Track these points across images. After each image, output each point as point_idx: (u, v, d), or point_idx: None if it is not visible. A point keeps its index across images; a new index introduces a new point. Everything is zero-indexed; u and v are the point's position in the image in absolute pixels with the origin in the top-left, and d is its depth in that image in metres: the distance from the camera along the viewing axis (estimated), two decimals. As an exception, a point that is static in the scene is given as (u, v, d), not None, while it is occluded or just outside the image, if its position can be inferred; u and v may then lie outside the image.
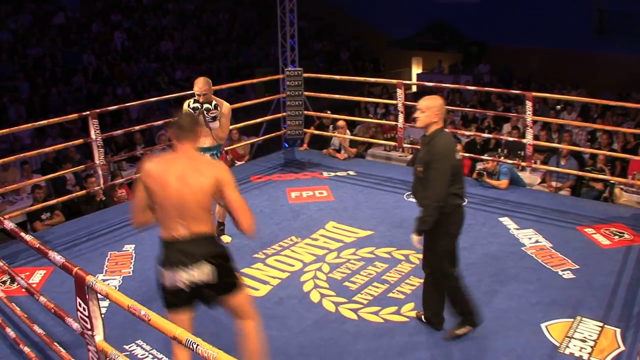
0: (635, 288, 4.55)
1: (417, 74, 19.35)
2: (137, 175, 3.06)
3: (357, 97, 11.81)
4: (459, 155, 3.77)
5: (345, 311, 4.35)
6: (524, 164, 7.13)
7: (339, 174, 7.50)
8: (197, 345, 2.12)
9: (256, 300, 4.35)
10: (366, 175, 7.46)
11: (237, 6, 19.84)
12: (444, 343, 3.94)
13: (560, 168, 7.77)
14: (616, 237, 5.48)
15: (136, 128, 7.68)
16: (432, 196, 3.63)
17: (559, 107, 11.99)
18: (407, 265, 5.00)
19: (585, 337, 3.92)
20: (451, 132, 4.61)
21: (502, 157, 7.65)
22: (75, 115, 6.24)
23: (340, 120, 8.33)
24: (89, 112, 6.07)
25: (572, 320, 4.12)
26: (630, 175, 7.83)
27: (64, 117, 6.41)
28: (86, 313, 2.71)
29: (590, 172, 7.35)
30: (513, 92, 9.37)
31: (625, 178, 7.60)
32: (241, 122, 8.37)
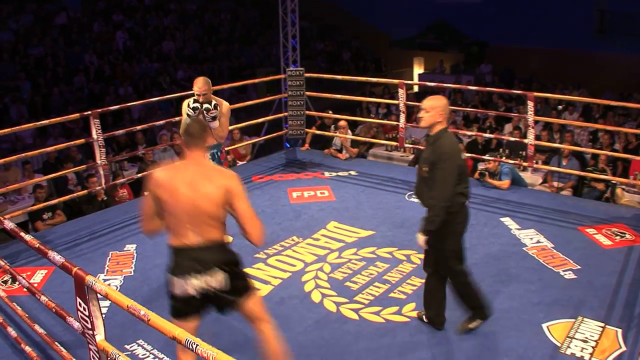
0: (637, 288, 4.54)
1: (419, 74, 19.37)
2: (145, 182, 3.04)
3: (358, 97, 11.84)
4: (463, 155, 3.78)
5: (347, 311, 4.35)
6: (525, 164, 7.12)
7: (340, 174, 7.50)
8: (197, 345, 2.12)
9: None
10: (368, 175, 7.46)
11: (239, 6, 19.86)
12: (445, 343, 3.94)
13: (561, 168, 7.76)
14: (618, 237, 5.47)
15: (138, 128, 7.67)
16: (439, 196, 3.63)
17: (561, 107, 11.97)
18: (408, 266, 5.00)
19: (586, 338, 3.92)
20: (453, 132, 4.60)
21: (504, 157, 7.65)
22: (77, 115, 6.25)
23: (342, 120, 8.33)
24: (90, 112, 6.08)
25: (573, 320, 4.12)
26: (631, 176, 7.82)
27: (66, 117, 6.42)
28: (86, 313, 2.71)
29: (592, 172, 7.34)
30: (515, 92, 9.36)
31: (626, 178, 7.60)
32: (243, 122, 8.37)
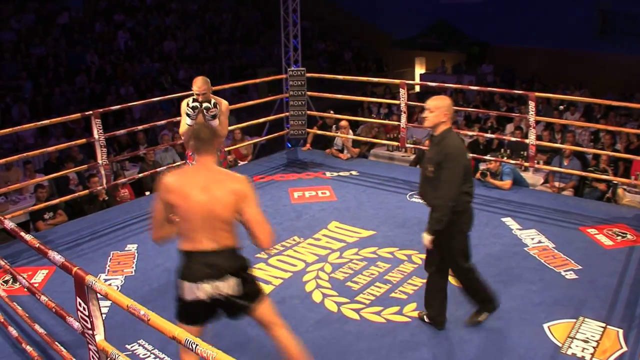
0: (638, 288, 4.53)
1: (420, 74, 19.36)
2: (155, 187, 3.02)
3: (360, 97, 11.84)
4: (468, 155, 3.79)
5: (348, 311, 4.34)
6: (526, 164, 7.11)
7: (341, 174, 7.50)
8: (197, 345, 2.12)
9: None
10: (369, 175, 7.45)
11: (240, 6, 19.86)
12: (446, 343, 3.93)
13: (563, 168, 7.75)
14: (619, 237, 5.47)
15: (139, 128, 7.68)
16: (445, 196, 3.64)
17: (562, 108, 11.95)
18: (409, 266, 5.00)
19: (587, 338, 3.91)
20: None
21: (505, 157, 7.64)
22: (78, 114, 6.25)
23: (343, 120, 8.33)
24: (92, 112, 6.09)
25: (574, 320, 4.11)
26: (633, 176, 7.80)
27: (67, 117, 6.43)
28: (86, 313, 2.70)
29: (593, 172, 7.34)
30: (516, 92, 9.35)
31: (628, 178, 7.58)
32: (244, 122, 8.37)
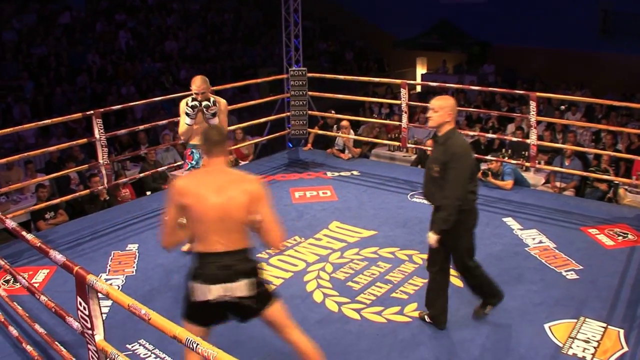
0: (639, 289, 4.53)
1: (422, 74, 19.34)
2: (168, 194, 2.98)
3: (361, 97, 11.83)
4: (473, 154, 3.82)
5: (348, 311, 4.34)
6: (528, 164, 7.11)
7: (342, 174, 7.50)
8: (197, 344, 2.12)
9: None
10: (370, 175, 7.45)
11: (242, 6, 19.88)
12: (447, 343, 3.93)
13: (564, 168, 7.74)
14: (620, 237, 5.46)
15: (140, 127, 7.70)
16: (452, 195, 3.65)
17: (564, 108, 11.94)
18: (410, 266, 5.00)
19: (588, 338, 3.91)
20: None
21: (506, 157, 7.64)
22: (80, 114, 6.25)
23: (344, 120, 8.33)
24: (93, 112, 6.10)
25: (575, 320, 4.11)
26: (634, 176, 7.79)
27: (68, 117, 6.43)
28: (86, 312, 2.70)
29: (595, 172, 7.33)
30: (517, 92, 9.34)
31: (629, 179, 7.57)
32: (245, 122, 8.37)
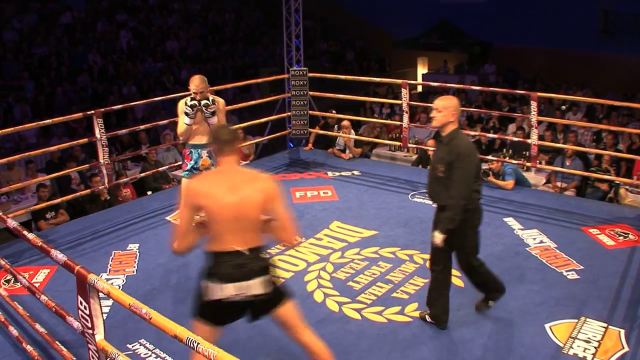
0: (640, 289, 4.53)
1: (423, 74, 19.34)
2: (183, 197, 2.98)
3: (362, 97, 11.83)
4: (477, 154, 3.85)
5: (349, 311, 4.35)
6: (529, 164, 7.10)
7: (343, 173, 7.50)
8: (198, 344, 2.12)
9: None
10: (371, 175, 7.45)
11: (243, 6, 19.87)
12: (447, 343, 3.93)
13: (565, 168, 7.73)
14: (621, 237, 5.46)
15: (141, 127, 7.71)
16: (458, 195, 3.67)
17: (565, 108, 11.94)
18: (411, 265, 5.00)
19: (589, 338, 3.90)
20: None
21: (507, 157, 7.64)
22: (80, 114, 6.24)
23: (345, 120, 8.33)
24: (94, 112, 6.10)
25: (576, 320, 4.11)
26: (635, 176, 7.78)
27: (69, 116, 6.43)
28: (87, 312, 2.70)
29: (596, 172, 7.33)
30: (518, 92, 9.34)
31: (630, 179, 7.56)
32: (246, 122, 8.36)
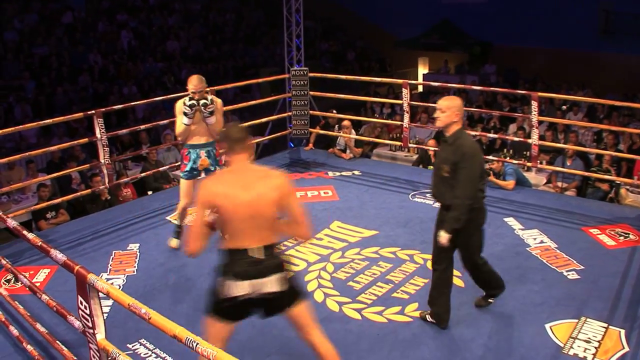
0: (641, 289, 4.53)
1: (423, 74, 19.34)
2: (197, 198, 2.96)
3: (362, 97, 11.83)
4: (482, 154, 3.88)
5: (349, 311, 4.34)
6: (529, 164, 7.10)
7: (344, 173, 7.50)
8: (197, 343, 2.12)
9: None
10: (371, 175, 7.45)
11: (243, 6, 19.87)
12: (448, 343, 3.93)
13: (566, 168, 7.73)
14: (621, 237, 5.46)
15: (142, 127, 7.71)
16: (464, 195, 3.68)
17: (565, 108, 11.94)
18: (411, 265, 4.99)
19: (589, 338, 3.90)
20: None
21: (508, 157, 7.64)
22: (81, 114, 6.25)
23: (346, 120, 8.33)
24: (94, 111, 6.10)
25: (576, 320, 4.11)
26: (636, 176, 7.78)
27: (70, 116, 6.44)
28: (87, 311, 2.71)
29: (596, 172, 7.33)
30: (519, 92, 9.34)
31: (631, 179, 7.55)
32: (247, 122, 8.34)
